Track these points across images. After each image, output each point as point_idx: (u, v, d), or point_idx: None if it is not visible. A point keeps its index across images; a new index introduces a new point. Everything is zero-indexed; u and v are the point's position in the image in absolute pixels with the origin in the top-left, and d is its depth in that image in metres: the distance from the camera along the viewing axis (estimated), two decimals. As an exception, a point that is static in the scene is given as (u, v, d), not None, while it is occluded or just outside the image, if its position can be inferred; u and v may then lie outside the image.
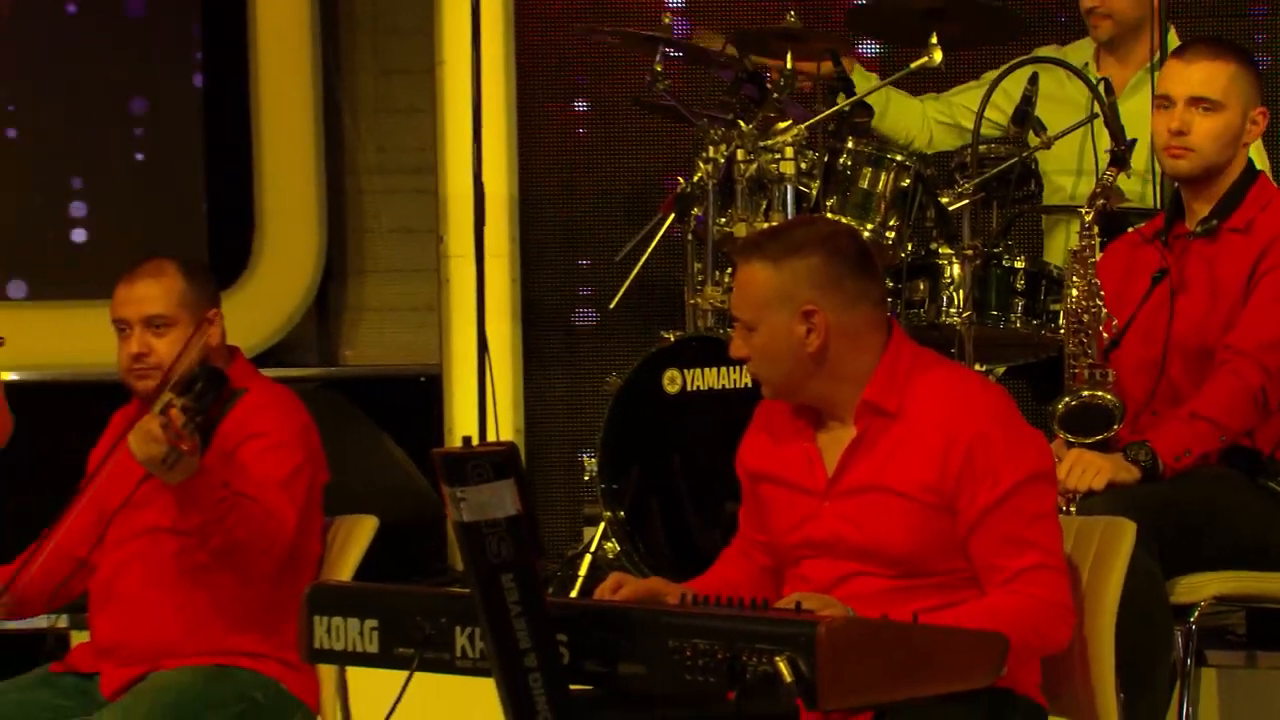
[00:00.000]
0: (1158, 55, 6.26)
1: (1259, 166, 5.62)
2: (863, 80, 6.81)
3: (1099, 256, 5.53)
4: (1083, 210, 5.58)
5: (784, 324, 4.47)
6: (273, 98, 8.88)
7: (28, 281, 8.74)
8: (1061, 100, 6.52)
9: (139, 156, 9.09)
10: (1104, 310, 5.42)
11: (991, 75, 6.49)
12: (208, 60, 9.02)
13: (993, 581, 4.41)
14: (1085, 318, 5.42)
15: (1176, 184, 5.55)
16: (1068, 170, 6.55)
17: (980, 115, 6.33)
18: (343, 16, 8.99)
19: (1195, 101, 5.42)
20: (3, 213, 8.89)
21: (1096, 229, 5.53)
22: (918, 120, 6.91)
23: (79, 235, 9.00)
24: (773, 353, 4.52)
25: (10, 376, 6.56)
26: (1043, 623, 4.39)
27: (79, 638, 5.68)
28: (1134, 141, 5.64)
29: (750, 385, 6.13)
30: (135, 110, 9.11)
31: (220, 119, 8.98)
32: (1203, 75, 5.44)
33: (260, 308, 8.65)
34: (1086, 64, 6.61)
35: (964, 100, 6.78)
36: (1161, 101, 5.49)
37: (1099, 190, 5.61)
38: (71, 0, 9.03)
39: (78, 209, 9.03)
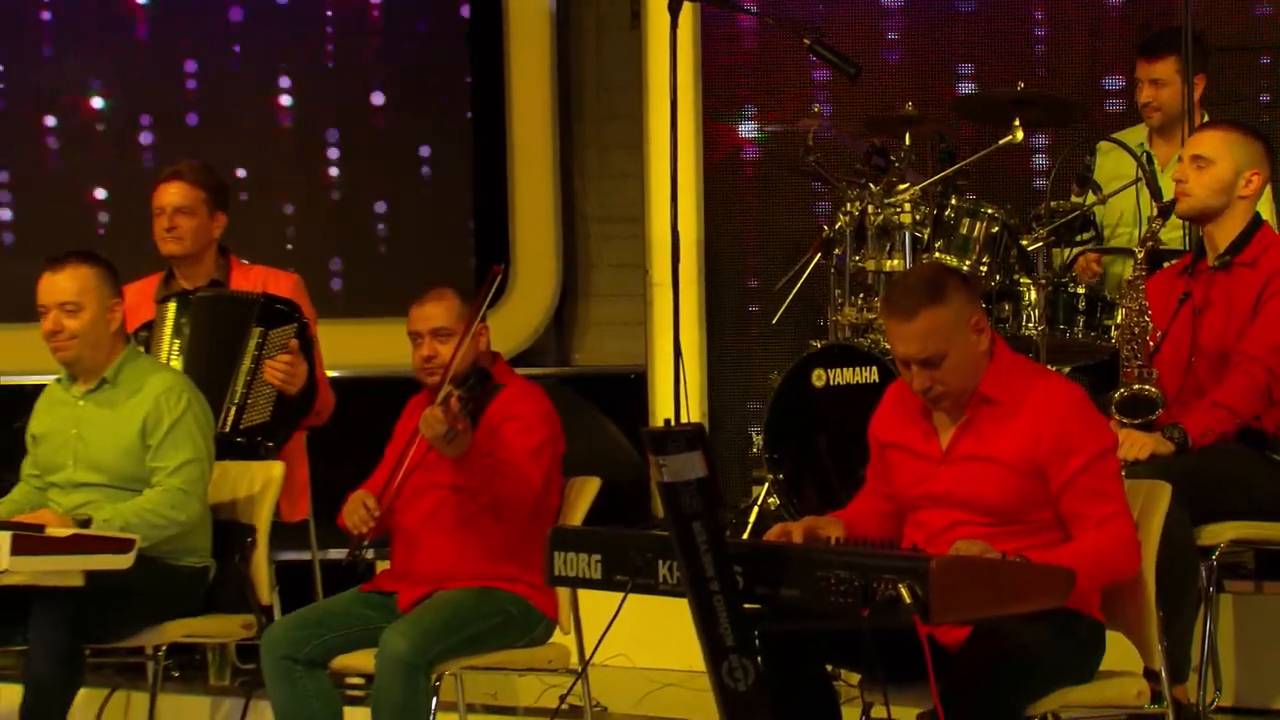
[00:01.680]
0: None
1: (1265, 216, 5.55)
2: None
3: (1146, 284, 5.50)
4: (1136, 250, 5.56)
5: (966, 339, 4.48)
6: (524, 167, 8.91)
7: (346, 298, 8.80)
8: (1121, 176, 6.44)
9: (425, 219, 9.13)
10: (1151, 324, 5.38)
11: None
12: (476, 140, 9.04)
13: (1083, 526, 4.41)
14: (1137, 330, 5.37)
15: (1191, 222, 5.51)
16: (1127, 222, 6.47)
17: (1051, 184, 6.35)
18: (575, 106, 9.01)
19: (1194, 159, 5.37)
20: (326, 243, 8.98)
21: (1146, 263, 5.51)
22: None
23: (381, 267, 9.06)
24: (964, 365, 4.50)
25: (333, 373, 6.62)
26: (1123, 554, 4.41)
27: (382, 566, 5.72)
28: (1174, 201, 5.56)
29: (875, 382, 6.16)
30: (423, 173, 9.17)
31: (484, 184, 9.01)
32: (1202, 141, 5.41)
33: (514, 323, 8.68)
34: (1142, 142, 6.53)
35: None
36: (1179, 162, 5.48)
37: (1148, 235, 5.59)
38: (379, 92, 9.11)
39: (381, 249, 9.11)
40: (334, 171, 9.12)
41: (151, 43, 9.11)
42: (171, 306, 6.29)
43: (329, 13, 9.12)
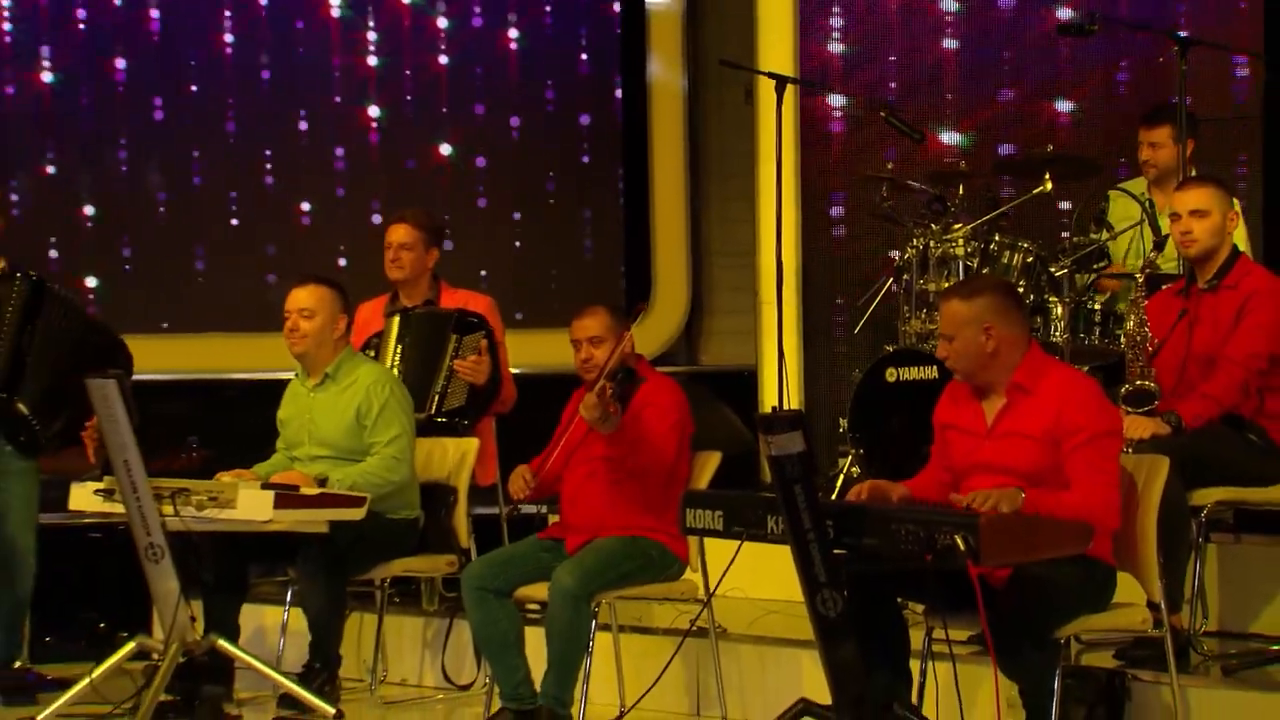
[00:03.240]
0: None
1: (1241, 248, 5.47)
2: None
3: (1146, 303, 5.44)
4: (1138, 276, 5.51)
5: (972, 335, 4.49)
6: (662, 213, 8.88)
7: (524, 313, 8.79)
8: (1128, 218, 6.34)
9: (587, 254, 9.11)
10: (1149, 334, 5.33)
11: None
12: (626, 193, 9.02)
13: (1078, 486, 4.38)
14: (1139, 338, 5.34)
15: (1190, 261, 5.41)
16: (1134, 254, 6.35)
17: (1074, 224, 6.29)
18: (701, 167, 8.98)
19: (1193, 213, 5.30)
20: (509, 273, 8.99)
21: (1145, 287, 5.47)
22: None
23: (553, 290, 9.03)
24: (965, 352, 4.52)
25: (515, 370, 6.65)
26: (1103, 513, 4.37)
27: (553, 519, 5.73)
28: (1167, 236, 5.49)
29: (936, 378, 6.09)
30: (586, 218, 9.17)
31: (632, 226, 8.99)
32: (1195, 197, 5.33)
33: (654, 332, 8.66)
34: (1144, 192, 6.43)
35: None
36: (1174, 216, 5.39)
37: (1146, 264, 5.55)
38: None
39: (553, 275, 9.08)
40: (516, 217, 9.10)
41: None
42: (396, 320, 6.41)
43: (515, 100, 9.07)
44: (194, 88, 8.91)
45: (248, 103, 8.91)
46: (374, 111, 8.94)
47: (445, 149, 8.98)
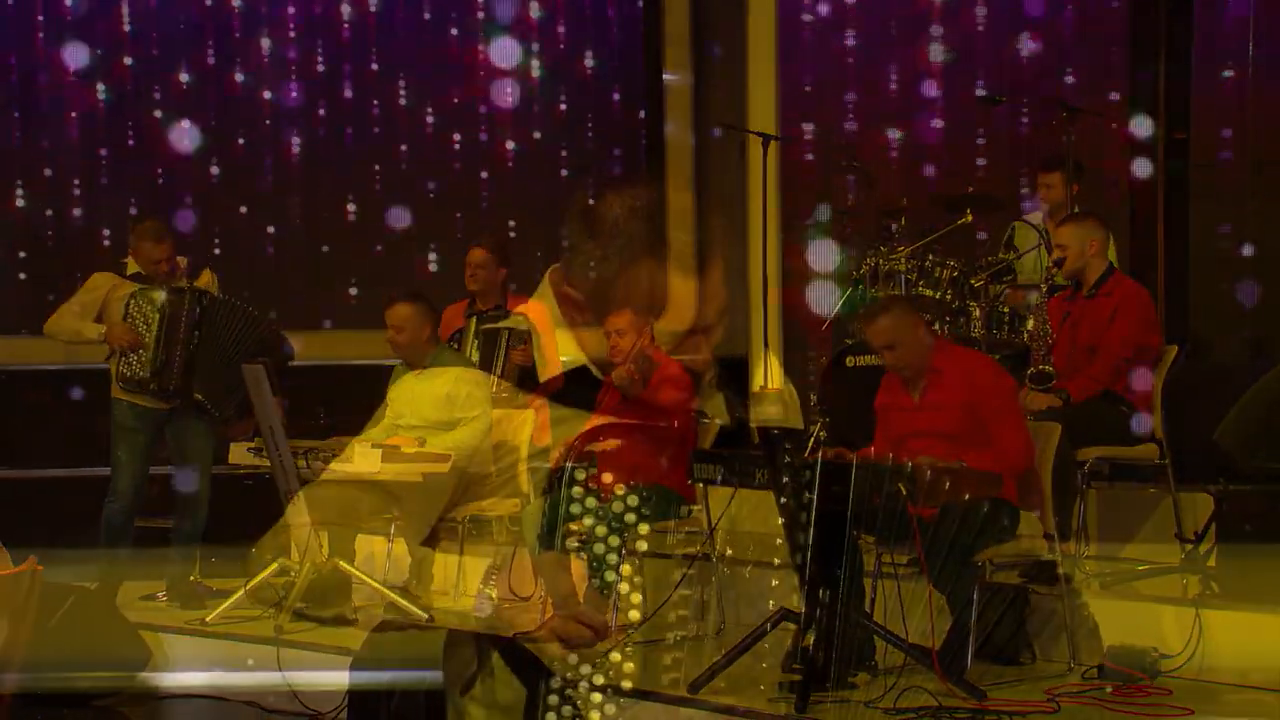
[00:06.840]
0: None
1: (1112, 259, 5.49)
2: None
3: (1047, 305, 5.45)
4: (1041, 285, 5.52)
5: (919, 336, 4.53)
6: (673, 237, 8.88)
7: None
8: (1029, 242, 6.32)
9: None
10: (1050, 330, 5.32)
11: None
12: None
13: (999, 439, 4.45)
14: (1041, 334, 5.35)
15: (1066, 277, 5.44)
16: (1034, 269, 6.32)
17: (988, 247, 6.29)
18: (705, 203, 8.92)
19: (1059, 245, 5.33)
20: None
21: (1046, 293, 5.46)
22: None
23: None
24: (915, 350, 4.57)
25: (563, 358, 6.62)
26: (1023, 455, 4.45)
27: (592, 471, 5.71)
28: (1064, 259, 5.48)
29: (880, 365, 6.04)
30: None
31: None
32: (1062, 234, 5.39)
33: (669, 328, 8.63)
34: (1041, 222, 6.41)
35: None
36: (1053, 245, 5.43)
37: (1046, 277, 5.56)
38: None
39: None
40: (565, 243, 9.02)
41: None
42: (473, 321, 6.43)
43: (563, 154, 9.02)
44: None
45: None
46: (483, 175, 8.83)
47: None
